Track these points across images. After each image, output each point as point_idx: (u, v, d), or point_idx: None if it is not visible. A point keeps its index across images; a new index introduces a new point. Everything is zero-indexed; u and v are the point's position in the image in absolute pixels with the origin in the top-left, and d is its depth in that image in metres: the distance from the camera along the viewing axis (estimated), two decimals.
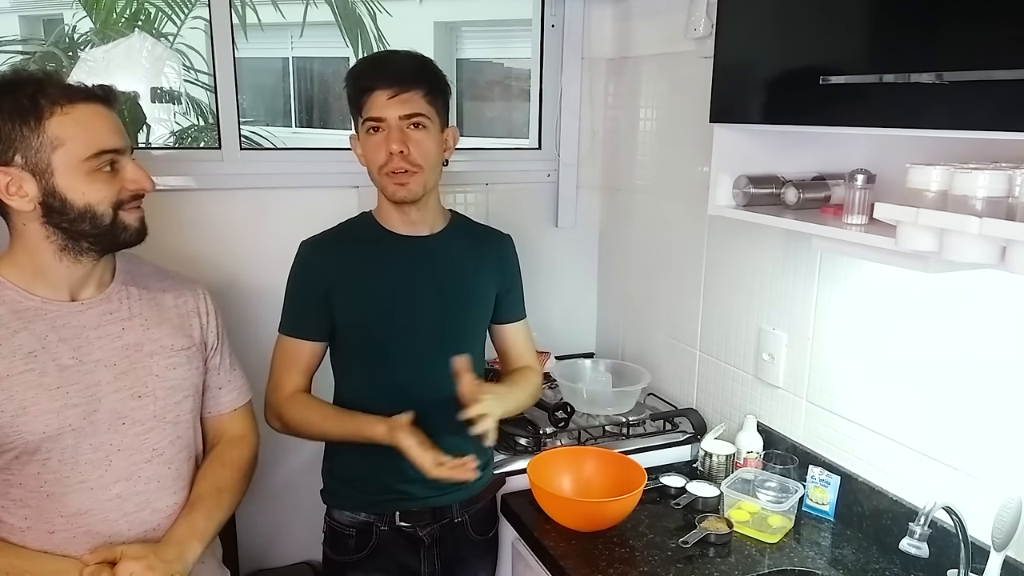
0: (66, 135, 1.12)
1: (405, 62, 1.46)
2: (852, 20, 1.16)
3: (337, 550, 1.58)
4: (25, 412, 1.14)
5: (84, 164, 1.14)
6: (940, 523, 1.30)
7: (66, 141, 1.12)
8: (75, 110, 1.13)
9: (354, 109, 1.46)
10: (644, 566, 1.40)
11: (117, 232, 1.20)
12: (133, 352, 1.24)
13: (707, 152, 1.44)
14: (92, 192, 1.15)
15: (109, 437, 1.20)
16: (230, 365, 1.42)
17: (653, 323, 2.11)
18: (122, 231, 1.20)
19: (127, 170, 1.19)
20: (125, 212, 1.20)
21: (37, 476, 1.16)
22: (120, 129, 1.20)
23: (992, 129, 0.95)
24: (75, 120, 1.13)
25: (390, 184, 1.44)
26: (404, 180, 1.43)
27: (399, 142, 1.40)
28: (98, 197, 1.16)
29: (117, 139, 1.17)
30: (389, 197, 1.46)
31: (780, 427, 1.69)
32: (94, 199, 1.16)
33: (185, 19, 3.39)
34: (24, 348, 1.16)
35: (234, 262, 1.87)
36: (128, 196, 1.20)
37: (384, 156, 1.42)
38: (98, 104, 1.16)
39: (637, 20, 2.10)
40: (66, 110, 1.12)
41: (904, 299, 1.40)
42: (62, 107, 1.12)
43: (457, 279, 1.54)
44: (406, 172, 1.42)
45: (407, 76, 1.42)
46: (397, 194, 1.44)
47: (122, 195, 1.19)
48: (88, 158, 1.14)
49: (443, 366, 1.51)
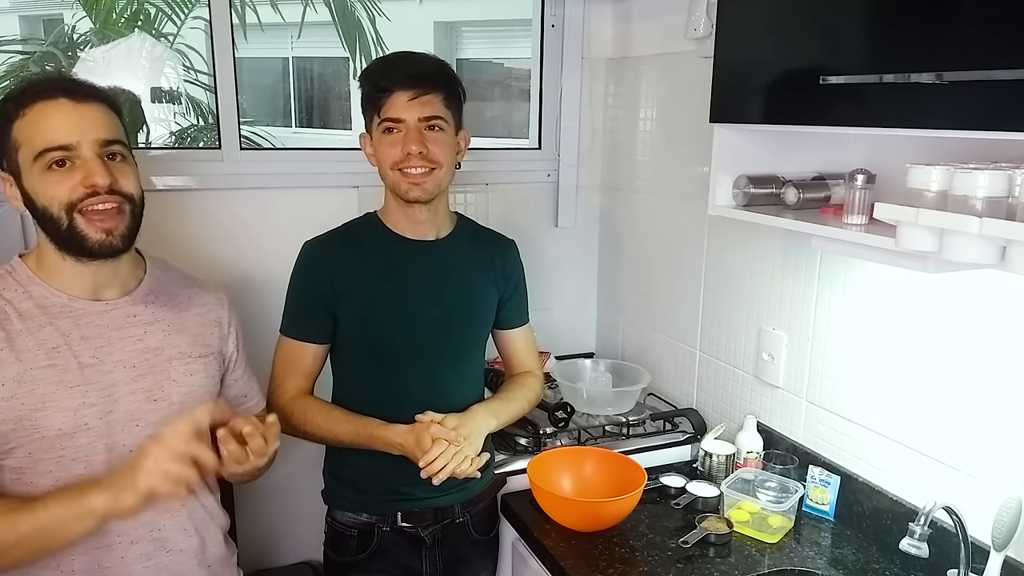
0: (22, 136, 1.13)
1: (425, 64, 1.45)
2: (852, 20, 1.16)
3: (339, 551, 1.58)
4: (44, 407, 1.14)
5: (35, 164, 1.13)
6: (940, 523, 1.30)
7: (22, 142, 1.13)
8: (32, 110, 1.13)
9: (371, 109, 1.45)
10: (644, 566, 1.40)
11: (78, 239, 1.14)
12: (153, 356, 1.24)
13: (707, 152, 1.44)
14: (43, 192, 1.13)
15: (123, 438, 1.20)
16: (249, 372, 1.43)
17: (653, 323, 2.11)
18: (82, 240, 1.14)
19: (81, 167, 1.13)
20: (83, 218, 1.13)
21: (50, 475, 1.16)
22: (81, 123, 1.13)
23: (992, 129, 0.95)
24: (29, 120, 1.13)
25: (404, 182, 1.44)
26: (420, 180, 1.43)
27: (418, 143, 1.40)
28: (48, 197, 1.13)
29: (67, 134, 1.12)
30: (402, 195, 1.46)
31: (780, 427, 1.69)
32: (46, 199, 1.13)
33: (185, 19, 3.39)
34: (48, 343, 1.16)
35: (234, 262, 1.87)
36: (82, 194, 1.12)
37: (400, 154, 1.42)
38: (60, 99, 1.13)
39: (637, 20, 2.10)
40: (25, 111, 1.13)
41: (904, 299, 1.40)
42: (24, 109, 1.13)
43: (461, 285, 1.54)
44: (424, 171, 1.42)
45: (428, 79, 1.42)
46: (411, 193, 1.44)
47: (75, 193, 1.12)
48: (35, 157, 1.12)
49: (444, 370, 1.52)
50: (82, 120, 1.14)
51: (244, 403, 1.40)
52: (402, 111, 1.41)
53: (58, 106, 1.13)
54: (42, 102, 1.13)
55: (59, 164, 1.13)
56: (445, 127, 1.44)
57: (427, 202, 1.47)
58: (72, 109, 1.14)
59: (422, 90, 1.40)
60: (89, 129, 1.14)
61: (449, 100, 1.44)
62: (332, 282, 1.48)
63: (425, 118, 1.41)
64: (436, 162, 1.43)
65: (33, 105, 1.13)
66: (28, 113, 1.13)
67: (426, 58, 1.47)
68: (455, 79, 1.48)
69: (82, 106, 1.15)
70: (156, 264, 1.33)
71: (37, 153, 1.12)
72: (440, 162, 1.43)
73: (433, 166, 1.43)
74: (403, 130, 1.41)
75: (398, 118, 1.41)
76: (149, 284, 1.28)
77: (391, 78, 1.42)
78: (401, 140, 1.41)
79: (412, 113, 1.40)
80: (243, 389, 1.41)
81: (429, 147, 1.41)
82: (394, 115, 1.41)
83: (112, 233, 1.16)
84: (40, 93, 1.13)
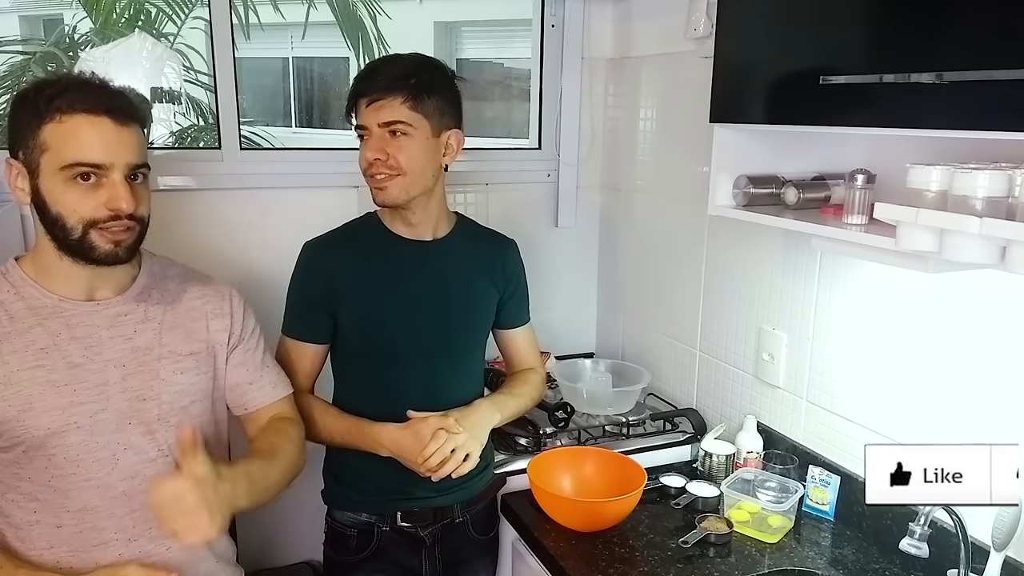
0: (53, 141, 1.12)
1: (391, 70, 1.43)
2: (852, 20, 1.16)
3: (338, 551, 1.58)
4: (31, 408, 1.15)
5: (60, 172, 1.13)
6: (940, 523, 1.29)
7: (51, 147, 1.13)
8: (71, 119, 1.12)
9: (349, 115, 1.47)
10: (644, 566, 1.40)
11: (85, 249, 1.16)
12: (142, 355, 1.24)
13: (707, 152, 1.44)
14: (63, 202, 1.14)
15: (116, 436, 1.20)
16: (261, 362, 1.40)
17: (653, 323, 2.11)
18: (90, 250, 1.16)
19: (109, 188, 1.14)
20: (97, 232, 1.15)
21: (45, 471, 1.17)
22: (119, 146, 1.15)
23: (992, 129, 0.95)
24: (67, 128, 1.12)
25: (372, 188, 1.45)
26: (383, 184, 1.42)
27: (377, 149, 1.40)
28: (68, 208, 1.14)
29: (103, 155, 1.13)
30: (374, 199, 1.47)
31: (780, 427, 1.69)
32: (65, 209, 1.14)
33: (185, 19, 3.40)
34: (36, 344, 1.17)
35: (234, 262, 1.87)
36: (105, 215, 1.14)
37: (365, 161, 1.43)
38: (103, 117, 1.13)
39: (637, 20, 2.10)
40: (63, 119, 1.12)
41: (904, 299, 1.40)
42: (61, 114, 1.12)
43: (460, 285, 1.54)
44: (385, 176, 1.41)
45: (386, 84, 1.40)
46: (376, 198, 1.45)
47: (98, 213, 1.14)
48: (63, 167, 1.12)
49: (444, 370, 1.52)
50: (120, 143, 1.15)
51: (248, 391, 1.37)
52: (365, 117, 1.41)
53: (100, 124, 1.13)
54: (84, 115, 1.12)
55: (84, 178, 1.13)
56: (411, 131, 1.40)
57: (399, 206, 1.46)
58: (113, 131, 1.14)
59: (380, 95, 1.39)
60: (124, 154, 1.15)
61: (415, 103, 1.40)
62: (331, 283, 1.48)
63: (384, 123, 1.40)
64: (399, 168, 1.41)
65: (73, 114, 1.12)
66: (66, 121, 1.12)
67: (398, 62, 1.44)
68: (428, 81, 1.42)
69: (123, 129, 1.15)
70: (155, 261, 1.32)
71: (67, 164, 1.12)
72: (402, 168, 1.41)
73: (396, 172, 1.41)
74: (368, 136, 1.42)
75: (362, 124, 1.42)
76: (143, 281, 1.28)
77: (360, 85, 1.42)
78: (366, 146, 1.42)
79: (372, 119, 1.40)
80: (246, 377, 1.37)
81: (391, 153, 1.40)
82: (360, 121, 1.42)
83: (120, 245, 1.18)
84: (84, 104, 1.13)
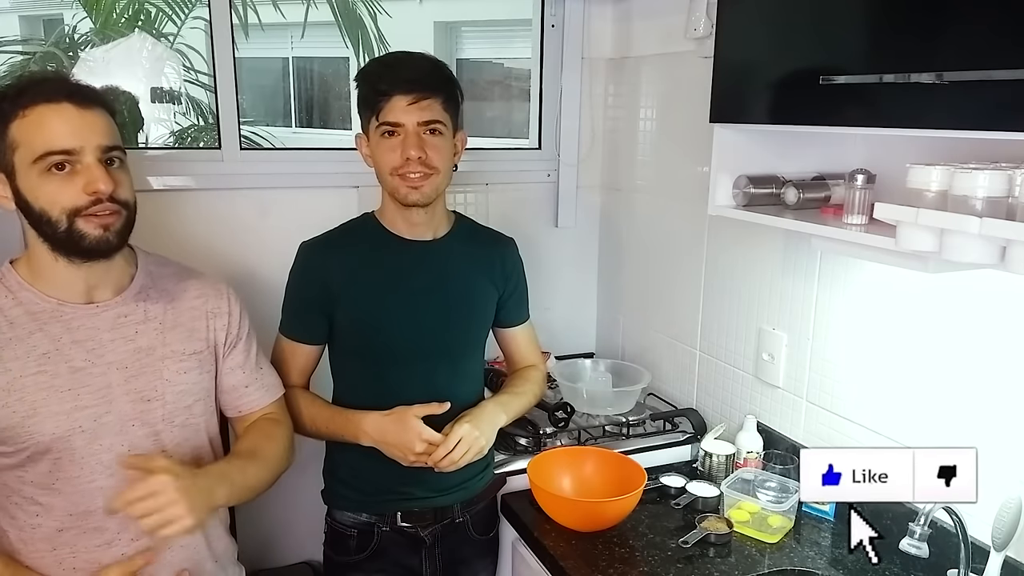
0: (21, 137, 1.12)
1: (425, 67, 1.44)
2: (852, 20, 1.16)
3: (338, 551, 1.58)
4: (35, 413, 1.15)
5: (34, 167, 1.12)
6: (940, 523, 1.29)
7: (21, 143, 1.12)
8: (34, 112, 1.12)
9: (369, 111, 1.44)
10: (644, 566, 1.40)
11: (75, 239, 1.14)
12: (145, 356, 1.24)
13: (707, 152, 1.44)
14: (43, 195, 1.13)
15: (120, 439, 1.20)
16: (256, 364, 1.40)
17: (653, 323, 2.11)
18: (80, 239, 1.14)
19: (84, 173, 1.13)
20: (83, 220, 1.13)
21: (48, 475, 1.17)
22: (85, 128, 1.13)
23: (992, 129, 0.95)
24: (31, 122, 1.12)
25: (402, 187, 1.43)
26: (419, 183, 1.42)
27: (417, 147, 1.40)
28: (49, 201, 1.12)
29: (70, 139, 1.11)
30: (401, 200, 1.45)
31: (780, 427, 1.69)
32: (46, 203, 1.13)
33: (185, 19, 3.39)
34: (38, 350, 1.16)
35: (234, 262, 1.87)
36: (87, 202, 1.13)
37: (399, 159, 1.41)
38: (64, 103, 1.12)
39: (637, 20, 2.10)
40: (26, 112, 1.12)
41: (904, 299, 1.40)
42: (24, 110, 1.12)
43: (459, 284, 1.54)
44: (422, 176, 1.41)
45: (427, 83, 1.41)
46: (410, 197, 1.43)
47: (79, 200, 1.12)
48: (35, 160, 1.12)
49: (443, 370, 1.52)
50: (85, 126, 1.14)
51: (244, 395, 1.38)
52: (401, 115, 1.40)
53: (61, 110, 1.13)
54: (45, 104, 1.12)
55: (58, 168, 1.12)
56: (444, 131, 1.43)
57: (425, 205, 1.46)
58: (76, 114, 1.13)
59: (421, 94, 1.39)
60: (92, 135, 1.14)
61: (448, 103, 1.43)
62: (327, 284, 1.48)
63: (424, 122, 1.40)
64: (434, 167, 1.42)
65: (35, 107, 1.12)
66: (29, 114, 1.12)
67: (425, 60, 1.46)
68: (453, 81, 1.47)
69: (86, 112, 1.14)
70: (151, 259, 1.32)
71: (38, 156, 1.12)
72: (438, 167, 1.42)
73: (431, 171, 1.42)
74: (402, 134, 1.41)
75: (397, 122, 1.40)
76: (142, 280, 1.28)
77: (390, 81, 1.40)
78: (400, 144, 1.40)
79: (411, 118, 1.40)
80: (242, 380, 1.37)
81: (428, 152, 1.40)
82: (393, 119, 1.40)
83: (109, 229, 1.16)
84: (43, 95, 1.13)
